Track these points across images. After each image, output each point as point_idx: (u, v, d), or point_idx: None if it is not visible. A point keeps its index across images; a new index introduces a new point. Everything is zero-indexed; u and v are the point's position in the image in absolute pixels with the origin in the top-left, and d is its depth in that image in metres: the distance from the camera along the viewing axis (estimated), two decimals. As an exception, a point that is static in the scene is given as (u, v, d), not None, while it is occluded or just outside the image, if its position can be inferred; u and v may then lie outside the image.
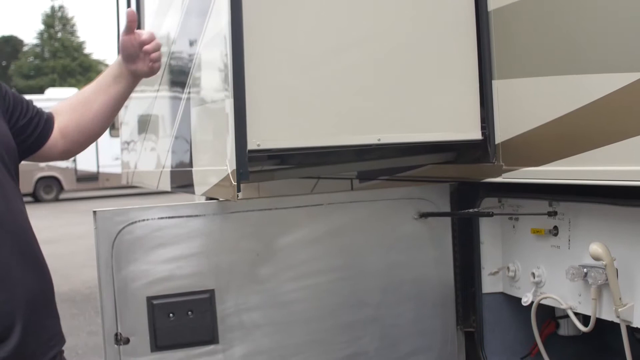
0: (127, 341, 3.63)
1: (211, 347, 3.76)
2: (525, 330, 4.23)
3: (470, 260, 4.25)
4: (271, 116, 3.56)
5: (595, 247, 3.44)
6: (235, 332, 3.79)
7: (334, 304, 3.97)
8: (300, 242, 3.90)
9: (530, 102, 3.70)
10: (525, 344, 4.29)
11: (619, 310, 3.43)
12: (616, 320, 3.48)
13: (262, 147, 3.53)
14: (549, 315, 4.20)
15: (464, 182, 4.20)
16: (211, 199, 4.05)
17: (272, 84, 3.57)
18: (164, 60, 5.11)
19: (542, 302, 3.92)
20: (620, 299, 3.43)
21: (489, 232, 4.23)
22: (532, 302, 3.97)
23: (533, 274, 3.96)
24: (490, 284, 4.26)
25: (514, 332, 4.30)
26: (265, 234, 3.84)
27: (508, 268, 4.17)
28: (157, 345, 3.67)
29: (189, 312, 3.71)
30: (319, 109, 3.65)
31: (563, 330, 4.22)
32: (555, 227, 3.85)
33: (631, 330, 3.49)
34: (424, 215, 4.10)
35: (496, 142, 3.86)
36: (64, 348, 3.00)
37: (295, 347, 3.91)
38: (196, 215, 3.72)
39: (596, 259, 3.44)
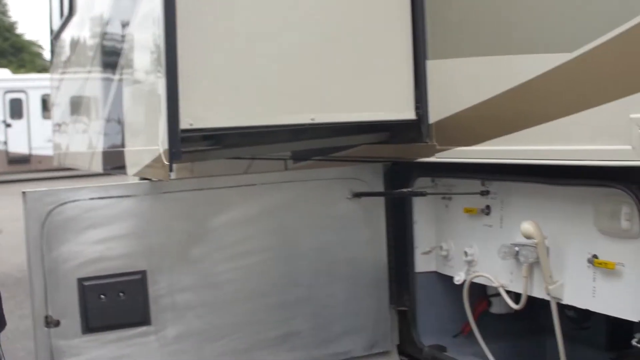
0: (57, 323, 3.57)
1: (143, 328, 3.72)
2: (457, 309, 4.27)
3: (404, 240, 4.27)
4: (204, 96, 3.53)
5: (527, 226, 3.48)
6: (168, 313, 3.75)
7: (266, 284, 3.96)
8: (233, 223, 3.87)
9: (463, 83, 3.72)
10: (458, 322, 4.33)
11: (550, 287, 3.48)
12: (547, 298, 3.54)
13: (195, 126, 3.50)
14: (481, 293, 4.24)
15: (397, 162, 4.22)
16: (144, 179, 4.00)
17: (205, 65, 3.53)
18: (96, 41, 5.04)
19: (475, 280, 3.96)
20: (550, 276, 3.48)
21: (422, 212, 4.26)
22: (465, 281, 4.01)
23: (466, 253, 4.00)
24: (423, 263, 4.29)
25: (447, 311, 4.34)
26: (197, 214, 3.81)
27: (441, 247, 4.21)
28: (89, 327, 3.62)
29: (121, 294, 3.66)
30: (252, 89, 3.63)
31: (495, 308, 4.27)
32: (488, 207, 3.89)
33: (561, 307, 3.54)
34: (357, 195, 4.10)
35: (430, 122, 3.88)
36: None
37: (227, 328, 3.89)
38: (127, 196, 3.67)
39: (527, 237, 3.49)
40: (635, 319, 3.09)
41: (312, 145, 4.25)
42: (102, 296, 3.63)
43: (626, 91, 2.87)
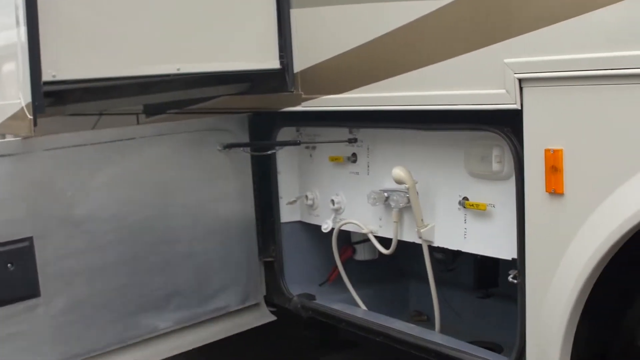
0: None
1: (32, 301, 3.45)
2: (323, 258, 4.32)
3: (269, 190, 4.25)
4: (67, 47, 3.35)
5: (398, 171, 3.54)
6: (56, 281, 3.51)
7: (147, 244, 3.81)
8: (112, 180, 3.68)
9: (329, 31, 3.72)
10: (324, 270, 4.38)
11: (421, 231, 3.57)
12: (418, 241, 3.62)
13: (58, 78, 3.32)
14: (345, 241, 4.30)
15: (259, 113, 4.18)
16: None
17: (67, 14, 3.35)
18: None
19: (343, 228, 4.00)
20: (422, 220, 3.56)
21: (285, 162, 4.25)
22: (333, 229, 4.04)
23: (332, 201, 4.04)
24: (288, 214, 4.30)
25: (313, 260, 4.38)
26: (75, 172, 3.58)
27: (306, 197, 4.22)
28: None
29: (9, 265, 3.38)
30: (116, 39, 3.48)
31: (359, 256, 4.34)
32: (354, 154, 3.93)
33: (431, 249, 3.63)
34: (228, 147, 4.03)
35: (295, 71, 3.86)
36: None
37: (115, 292, 3.71)
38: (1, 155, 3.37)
39: (399, 182, 3.54)
40: (507, 257, 3.20)
41: (175, 97, 4.13)
42: None
43: (500, 37, 2.95)
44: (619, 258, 2.70)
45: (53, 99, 3.82)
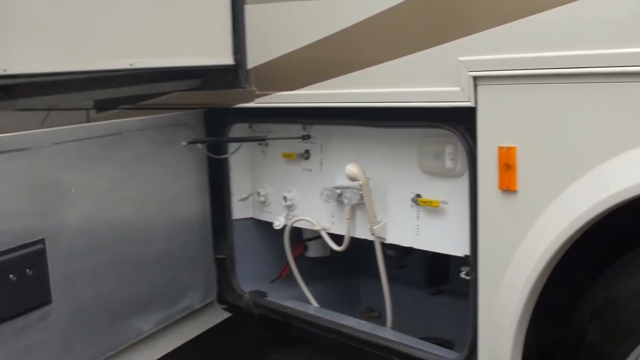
0: None
1: (45, 309, 3.24)
2: (275, 255, 4.31)
3: (221, 187, 4.23)
4: (17, 41, 3.28)
5: (351, 168, 3.55)
6: (64, 287, 3.34)
7: (129, 245, 3.70)
8: (92, 176, 3.55)
9: (283, 28, 3.71)
10: (275, 267, 4.37)
11: (374, 227, 3.58)
12: (370, 238, 3.63)
13: (9, 72, 3.25)
14: (297, 238, 4.29)
15: (213, 109, 4.16)
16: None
17: (18, 7, 3.29)
18: None
19: (296, 225, 4.00)
20: (375, 217, 3.57)
21: (238, 159, 4.23)
22: (285, 226, 4.04)
23: (285, 198, 4.03)
24: (240, 210, 4.28)
25: (264, 257, 4.37)
26: (73, 167, 3.45)
27: (258, 193, 4.21)
28: None
29: (28, 270, 3.16)
30: (69, 34, 3.41)
31: (311, 252, 4.34)
32: (307, 151, 3.93)
33: (383, 246, 3.64)
34: (192, 143, 4.01)
35: (248, 68, 3.85)
36: None
37: (109, 296, 3.59)
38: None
39: (352, 179, 3.55)
40: (460, 254, 3.23)
41: (128, 92, 4.08)
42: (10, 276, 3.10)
43: (454, 35, 2.98)
44: (571, 255, 2.74)
45: (2, 93, 3.75)
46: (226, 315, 4.31)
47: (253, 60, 3.84)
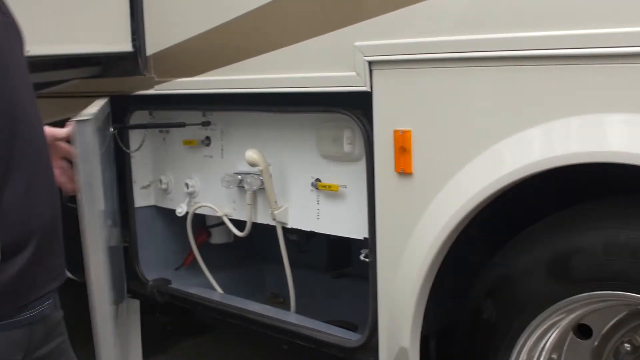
0: None
1: None
2: (178, 242, 4.30)
3: (123, 175, 4.18)
4: None
5: (251, 154, 3.55)
6: None
7: None
8: None
9: (182, 14, 3.70)
10: (179, 255, 4.36)
11: (275, 212, 3.59)
12: (272, 223, 3.65)
13: None
14: (200, 225, 4.28)
15: (114, 97, 4.10)
16: None
17: None
18: None
19: (198, 211, 3.99)
20: (275, 202, 3.59)
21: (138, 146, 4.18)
22: (187, 213, 4.03)
23: (187, 185, 4.02)
24: (142, 198, 4.24)
25: (168, 244, 4.35)
26: None
27: (160, 181, 4.18)
28: None
29: None
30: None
31: (214, 239, 4.33)
32: (208, 138, 3.92)
33: (285, 231, 3.66)
34: (118, 129, 3.96)
35: (147, 54, 3.82)
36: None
37: None
38: None
39: (252, 164, 3.56)
40: (359, 237, 3.27)
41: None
42: None
43: (350, 20, 3.00)
44: (469, 235, 2.80)
45: None
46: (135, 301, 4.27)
47: (152, 46, 3.81)
